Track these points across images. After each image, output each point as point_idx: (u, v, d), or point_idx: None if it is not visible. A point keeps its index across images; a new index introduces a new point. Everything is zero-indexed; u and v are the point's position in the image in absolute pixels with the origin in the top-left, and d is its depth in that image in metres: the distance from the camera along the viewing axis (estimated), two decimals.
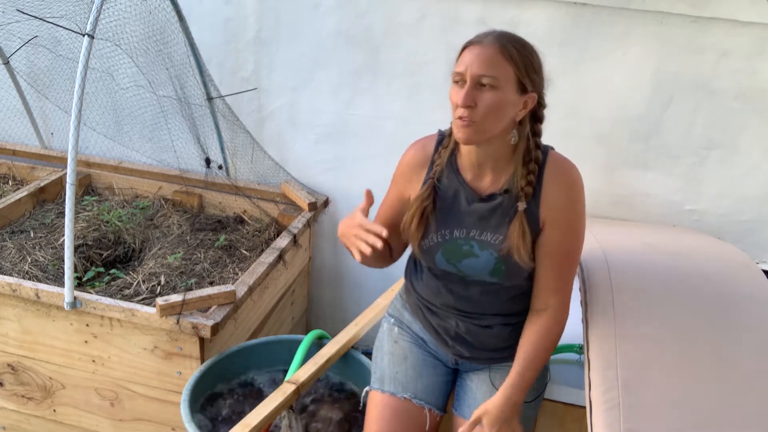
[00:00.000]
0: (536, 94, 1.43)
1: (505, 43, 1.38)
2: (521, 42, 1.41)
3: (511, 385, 1.53)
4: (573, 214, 1.48)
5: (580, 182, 1.50)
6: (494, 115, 1.39)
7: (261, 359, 2.03)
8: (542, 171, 1.47)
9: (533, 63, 1.41)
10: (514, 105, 1.41)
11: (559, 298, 1.53)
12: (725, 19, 2.12)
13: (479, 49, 1.39)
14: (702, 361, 1.53)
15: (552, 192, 1.47)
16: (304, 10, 2.47)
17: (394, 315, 1.82)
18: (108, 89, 2.60)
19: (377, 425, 1.65)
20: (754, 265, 1.97)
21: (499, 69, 1.37)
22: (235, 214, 2.73)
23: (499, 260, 1.51)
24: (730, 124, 2.27)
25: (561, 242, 1.49)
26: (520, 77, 1.39)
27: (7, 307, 2.10)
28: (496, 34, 1.41)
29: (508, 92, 1.39)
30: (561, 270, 1.51)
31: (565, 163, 1.51)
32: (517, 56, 1.38)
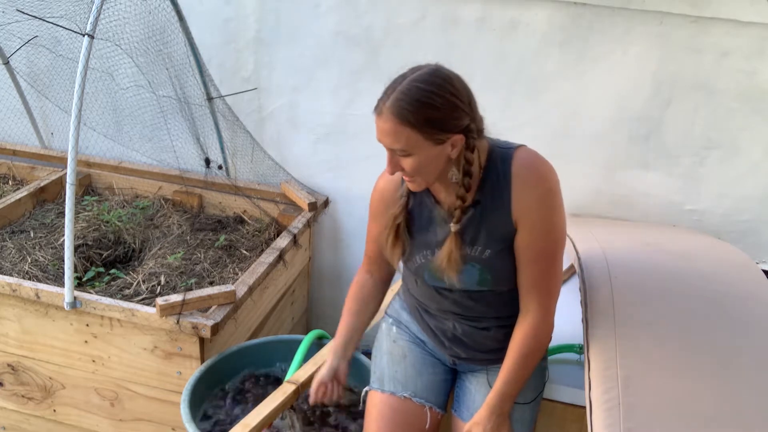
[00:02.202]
0: (459, 133, 1.37)
1: (399, 111, 1.31)
2: (418, 99, 1.32)
3: (497, 395, 1.52)
4: (544, 213, 1.44)
5: (551, 181, 1.45)
6: (423, 171, 1.40)
7: (261, 359, 2.02)
8: (509, 174, 1.44)
9: (440, 116, 1.33)
10: (439, 154, 1.38)
11: (540, 299, 1.49)
12: (725, 19, 2.12)
13: (380, 122, 1.35)
14: (702, 360, 1.53)
15: (520, 194, 1.44)
16: (304, 10, 2.47)
17: (393, 315, 1.82)
18: (108, 89, 2.60)
19: (377, 425, 1.65)
20: (754, 265, 1.97)
21: (402, 140, 1.34)
22: (235, 214, 2.73)
23: (483, 271, 1.51)
24: (730, 124, 2.27)
25: (534, 243, 1.45)
26: (427, 138, 1.34)
27: (7, 307, 2.10)
28: (392, 98, 1.33)
29: (424, 151, 1.36)
30: (539, 271, 1.48)
31: (533, 163, 1.45)
32: (416, 119, 1.32)
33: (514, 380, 1.52)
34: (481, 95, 2.41)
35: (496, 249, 1.49)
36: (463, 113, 1.37)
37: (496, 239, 1.48)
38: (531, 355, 1.51)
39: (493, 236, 1.48)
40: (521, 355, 1.51)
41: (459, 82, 1.38)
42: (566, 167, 2.43)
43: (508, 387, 1.52)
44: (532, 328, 1.50)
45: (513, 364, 1.51)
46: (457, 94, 1.35)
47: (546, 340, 1.54)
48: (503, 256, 1.49)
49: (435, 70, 1.37)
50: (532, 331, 1.50)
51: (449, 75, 1.37)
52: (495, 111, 2.41)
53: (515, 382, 1.52)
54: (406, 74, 1.37)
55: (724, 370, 1.51)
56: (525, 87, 2.38)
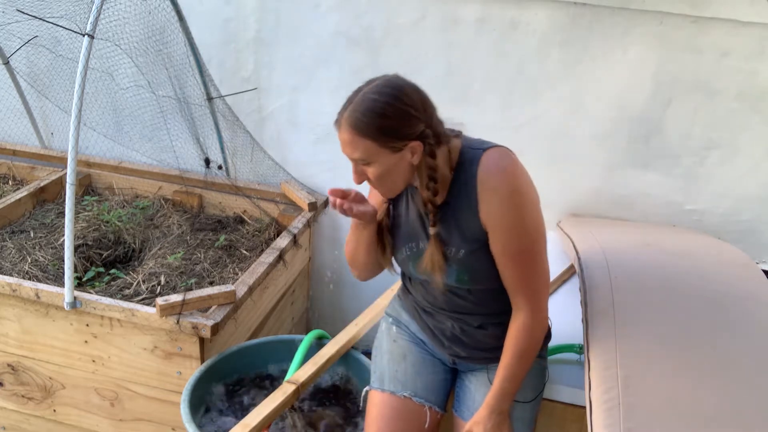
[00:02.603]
0: (415, 140, 1.39)
1: (354, 122, 1.36)
2: (371, 109, 1.35)
3: (494, 395, 1.53)
4: (512, 216, 1.43)
5: (516, 182, 1.43)
6: (387, 179, 1.44)
7: (261, 359, 2.02)
8: (475, 177, 1.45)
9: (392, 124, 1.36)
10: (399, 162, 1.41)
11: (527, 298, 1.50)
12: (725, 19, 2.13)
13: (340, 134, 1.40)
14: (702, 360, 1.53)
15: (485, 198, 1.44)
16: (304, 10, 2.47)
17: (392, 315, 1.82)
18: (108, 89, 2.60)
19: (377, 424, 1.65)
20: (754, 265, 1.97)
21: (360, 150, 1.38)
22: (235, 214, 2.73)
23: (460, 271, 1.52)
24: (730, 124, 2.27)
25: (508, 244, 1.45)
26: (383, 146, 1.37)
27: (7, 307, 2.10)
28: (348, 110, 1.37)
29: (383, 160, 1.39)
30: (519, 270, 1.48)
31: (497, 166, 1.44)
32: (370, 129, 1.35)
33: (511, 378, 1.52)
34: (481, 95, 2.44)
35: (469, 249, 1.49)
36: (416, 120, 1.39)
37: (467, 240, 1.49)
38: (526, 353, 1.52)
39: (465, 237, 1.49)
40: (516, 353, 1.51)
41: (412, 91, 1.41)
42: (566, 167, 2.45)
43: (506, 385, 1.52)
44: (524, 326, 1.51)
45: (509, 362, 1.52)
46: (409, 102, 1.38)
47: (540, 336, 1.53)
48: (478, 256, 1.49)
49: (388, 80, 1.40)
50: (524, 328, 1.51)
51: (401, 84, 1.40)
52: (495, 111, 2.44)
53: (512, 380, 1.52)
54: (361, 87, 1.41)
55: (724, 370, 1.51)
56: (525, 87, 2.38)
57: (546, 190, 2.49)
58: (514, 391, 1.54)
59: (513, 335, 1.52)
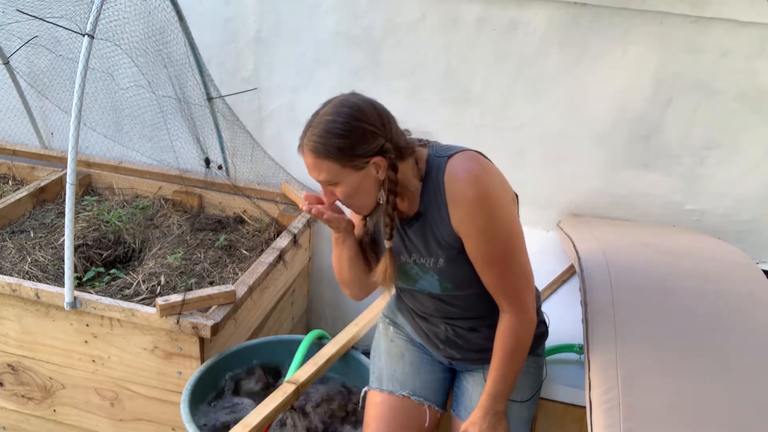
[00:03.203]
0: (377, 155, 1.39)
1: (313, 145, 1.36)
2: (328, 130, 1.36)
3: (488, 395, 1.53)
4: (482, 221, 1.41)
5: (484, 188, 1.41)
6: (356, 197, 1.44)
7: (261, 359, 2.02)
8: (442, 185, 1.44)
9: (350, 143, 1.36)
10: (365, 179, 1.40)
11: (509, 299, 1.49)
12: (725, 19, 2.13)
13: (304, 158, 1.41)
14: (702, 360, 1.53)
15: (453, 206, 1.43)
16: (304, 10, 2.47)
17: (389, 315, 1.82)
18: (108, 89, 2.60)
19: (376, 424, 1.65)
20: (754, 265, 1.97)
21: (324, 171, 1.39)
22: (235, 214, 2.73)
23: (442, 279, 1.51)
24: (730, 124, 2.27)
25: (482, 249, 1.44)
26: (344, 165, 1.37)
27: (7, 307, 2.10)
28: (307, 135, 1.38)
29: (348, 179, 1.39)
30: (495, 275, 1.47)
31: (461, 172, 1.43)
32: (328, 150, 1.36)
33: (502, 379, 1.52)
34: (481, 95, 2.44)
35: (447, 257, 1.48)
36: (374, 136, 1.38)
37: (444, 248, 1.48)
38: (515, 353, 1.51)
39: (441, 245, 1.48)
40: (505, 354, 1.51)
41: (368, 107, 1.40)
42: (566, 167, 2.45)
43: (498, 386, 1.52)
44: (509, 327, 1.50)
45: (498, 363, 1.52)
46: (365, 119, 1.38)
47: (527, 335, 1.52)
48: (458, 262, 1.48)
49: (343, 100, 1.40)
50: (510, 329, 1.50)
51: (356, 102, 1.40)
52: (495, 111, 2.44)
53: (504, 380, 1.52)
54: (318, 110, 1.41)
55: (724, 370, 1.51)
56: (525, 87, 2.38)
57: (546, 190, 2.52)
58: (508, 391, 1.54)
59: (500, 337, 1.52)
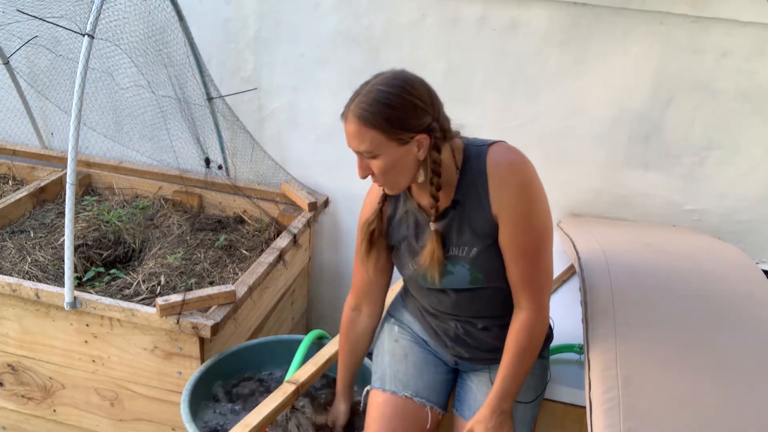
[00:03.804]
0: (422, 133, 1.39)
1: (361, 113, 1.35)
2: (378, 100, 1.35)
3: (495, 395, 1.53)
4: (523, 208, 1.43)
5: (526, 174, 1.44)
6: (393, 173, 1.42)
7: (261, 359, 2.02)
8: (484, 171, 1.45)
9: (400, 115, 1.36)
10: (405, 155, 1.40)
11: (531, 295, 1.49)
12: (725, 19, 2.13)
13: (346, 126, 1.39)
14: (702, 360, 1.53)
15: (496, 191, 1.44)
16: (304, 10, 2.47)
17: (394, 315, 1.82)
18: (108, 89, 2.60)
19: (378, 424, 1.65)
20: (754, 265, 1.97)
21: (366, 141, 1.37)
22: (235, 214, 2.73)
23: (474, 270, 1.51)
24: (730, 124, 2.27)
25: (517, 239, 1.45)
26: (390, 137, 1.36)
27: (7, 307, 2.10)
28: (355, 102, 1.37)
29: (390, 152, 1.38)
30: (524, 266, 1.47)
31: (506, 158, 1.45)
32: (377, 120, 1.35)
33: (512, 377, 1.52)
34: (481, 95, 2.44)
35: (481, 246, 1.49)
36: (423, 113, 1.38)
37: (479, 237, 1.48)
38: (527, 352, 1.51)
39: (477, 234, 1.48)
40: (517, 352, 1.51)
41: (420, 84, 1.40)
42: (566, 167, 2.45)
43: (507, 384, 1.52)
44: (526, 325, 1.50)
45: (510, 361, 1.51)
46: (417, 95, 1.38)
47: (540, 334, 1.53)
48: (491, 253, 1.49)
49: (396, 73, 1.40)
50: (526, 327, 1.50)
51: (409, 77, 1.40)
52: (495, 111, 2.44)
53: (513, 379, 1.52)
54: (369, 80, 1.40)
55: (724, 370, 1.51)
56: (525, 87, 2.38)
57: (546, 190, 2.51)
58: (516, 390, 1.54)
59: (514, 333, 1.51)
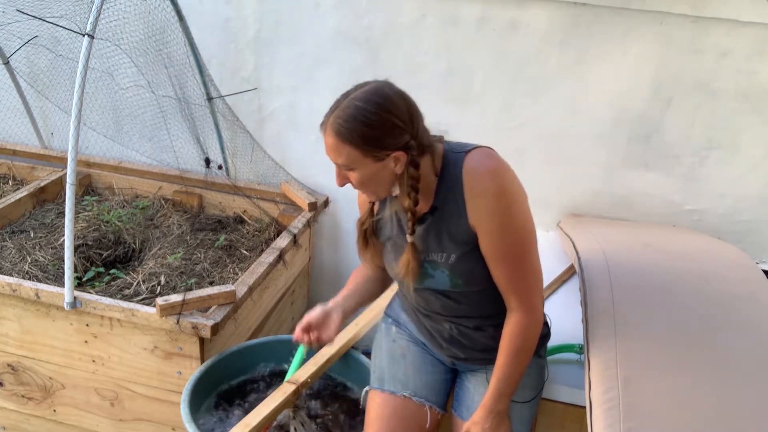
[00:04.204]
0: (399, 150, 1.38)
1: (338, 128, 1.35)
2: (356, 117, 1.35)
3: (491, 396, 1.53)
4: (500, 217, 1.41)
5: (501, 181, 1.42)
6: (369, 185, 1.44)
7: (261, 359, 2.02)
8: (460, 179, 1.44)
9: (376, 134, 1.35)
10: (381, 170, 1.40)
11: (519, 298, 1.49)
12: (725, 19, 2.13)
13: (325, 137, 1.40)
14: (702, 360, 1.53)
15: (472, 200, 1.43)
16: (304, 10, 2.47)
17: (392, 315, 1.82)
18: (108, 89, 2.60)
19: (377, 424, 1.65)
20: (754, 265, 1.97)
21: (343, 156, 1.38)
22: (235, 214, 2.73)
23: (453, 275, 1.51)
24: (730, 124, 2.27)
25: (497, 246, 1.44)
26: (366, 154, 1.37)
27: (7, 307, 2.10)
28: (333, 115, 1.37)
29: (365, 167, 1.39)
30: (508, 272, 1.47)
31: (481, 166, 1.43)
32: (353, 137, 1.35)
33: (507, 378, 1.52)
34: (481, 95, 2.44)
35: (460, 253, 1.48)
36: (401, 131, 1.37)
37: (458, 244, 1.48)
38: (520, 353, 1.51)
39: (455, 241, 1.48)
40: (511, 353, 1.51)
41: (400, 100, 1.39)
42: (566, 167, 2.45)
43: (502, 385, 1.52)
44: (517, 326, 1.50)
45: (504, 362, 1.51)
46: (395, 113, 1.36)
47: (534, 335, 1.52)
48: (470, 258, 1.48)
49: (376, 88, 1.38)
50: (517, 329, 1.50)
51: (389, 94, 1.38)
52: (495, 111, 2.44)
53: (508, 380, 1.52)
54: (349, 91, 1.40)
55: (724, 370, 1.51)
56: (525, 87, 2.38)
57: (546, 190, 2.52)
58: (511, 391, 1.54)
59: (507, 335, 1.51)
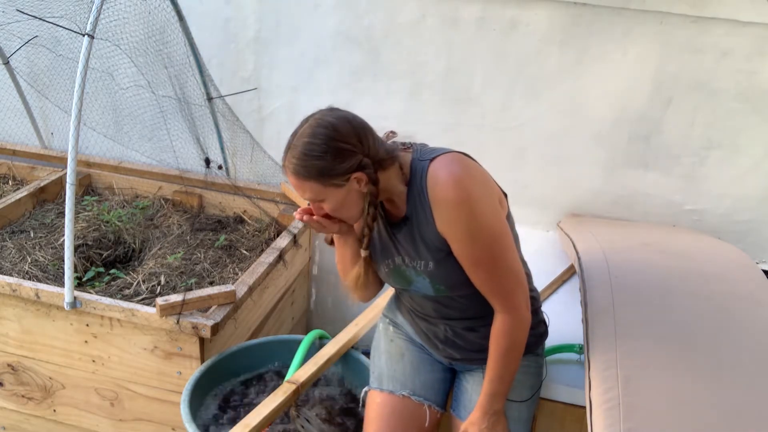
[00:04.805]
0: (356, 171, 1.39)
1: (294, 168, 1.39)
2: (305, 153, 1.37)
3: (486, 395, 1.53)
4: (465, 224, 1.41)
5: (466, 190, 1.41)
6: (342, 211, 1.46)
7: (261, 359, 2.02)
8: (425, 189, 1.44)
9: (327, 165, 1.37)
10: (348, 194, 1.42)
11: (500, 299, 1.49)
12: (725, 19, 2.13)
13: (288, 177, 1.43)
14: (702, 360, 1.53)
15: (437, 209, 1.44)
16: (304, 10, 2.47)
17: (389, 315, 1.82)
18: (108, 89, 2.60)
19: (377, 424, 1.65)
20: (754, 265, 1.97)
21: (307, 190, 1.41)
22: (235, 214, 2.73)
23: (434, 282, 1.52)
24: (730, 124, 2.27)
25: (467, 252, 1.44)
26: (326, 185, 1.39)
27: (7, 307, 2.10)
28: (288, 157, 1.40)
29: (332, 195, 1.42)
30: (483, 276, 1.47)
31: (442, 175, 1.42)
32: (310, 173, 1.38)
33: (498, 379, 1.52)
34: (481, 95, 2.44)
35: (436, 260, 1.49)
36: (351, 154, 1.39)
37: (432, 251, 1.48)
38: (509, 352, 1.51)
39: (429, 248, 1.48)
40: (500, 354, 1.51)
41: (345, 124, 1.39)
42: (566, 167, 2.45)
43: (494, 385, 1.52)
44: (503, 328, 1.50)
45: (494, 362, 1.52)
46: (341, 138, 1.38)
47: (522, 335, 1.52)
48: (447, 264, 1.48)
49: (319, 119, 1.40)
50: (504, 330, 1.50)
51: (332, 121, 1.39)
52: (495, 111, 2.44)
53: (501, 380, 1.52)
54: (297, 129, 1.42)
55: (724, 370, 1.51)
56: (525, 87, 2.38)
57: (546, 190, 2.52)
58: (505, 390, 1.54)
59: (494, 336, 1.52)
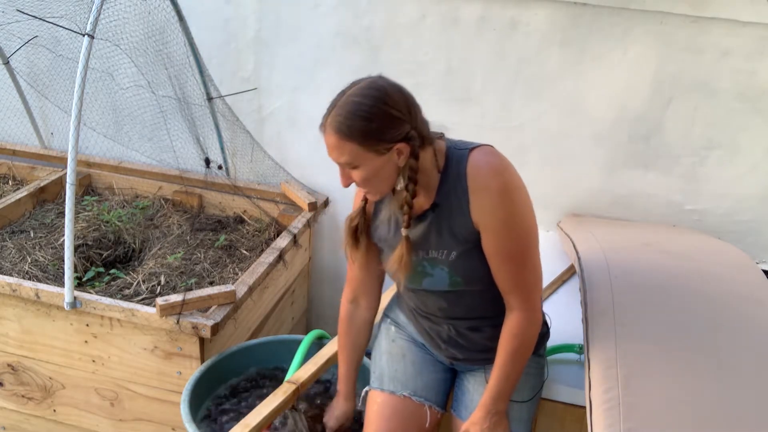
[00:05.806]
0: (401, 142, 1.37)
1: (338, 126, 1.35)
2: (354, 112, 1.34)
3: (490, 396, 1.53)
4: (504, 214, 1.41)
5: (506, 179, 1.42)
6: (374, 182, 1.42)
7: (261, 359, 2.03)
8: (464, 176, 1.43)
9: (376, 127, 1.35)
10: (385, 164, 1.39)
11: (520, 297, 1.48)
12: (725, 19, 2.13)
13: (325, 137, 1.39)
14: (702, 360, 1.53)
15: (476, 196, 1.43)
16: (304, 10, 2.47)
17: (390, 315, 1.82)
18: (108, 89, 2.60)
19: (377, 424, 1.65)
20: (754, 265, 1.97)
21: (345, 153, 1.37)
22: (235, 214, 2.73)
23: (452, 273, 1.51)
24: (730, 124, 2.27)
25: (501, 245, 1.44)
26: (368, 149, 1.36)
27: (7, 307, 2.10)
28: (332, 114, 1.36)
29: (369, 163, 1.38)
30: (510, 270, 1.46)
31: (486, 163, 1.43)
32: (353, 132, 1.34)
33: (505, 379, 1.52)
34: (481, 95, 2.44)
35: (461, 250, 1.48)
36: (400, 122, 1.37)
37: (459, 241, 1.47)
38: (519, 352, 1.51)
39: (457, 238, 1.47)
40: (509, 354, 1.50)
41: (397, 92, 1.38)
42: (566, 167, 2.45)
43: (501, 385, 1.52)
44: (518, 327, 1.50)
45: (502, 362, 1.51)
46: (392, 104, 1.36)
47: (533, 335, 1.52)
48: (470, 256, 1.48)
49: (371, 82, 1.38)
50: (516, 329, 1.50)
51: (385, 86, 1.38)
52: (495, 111, 2.44)
53: (507, 380, 1.52)
54: (345, 90, 1.39)
55: (724, 370, 1.51)
56: (525, 87, 2.38)
57: (546, 190, 2.52)
58: (510, 391, 1.54)
59: (506, 335, 1.51)
